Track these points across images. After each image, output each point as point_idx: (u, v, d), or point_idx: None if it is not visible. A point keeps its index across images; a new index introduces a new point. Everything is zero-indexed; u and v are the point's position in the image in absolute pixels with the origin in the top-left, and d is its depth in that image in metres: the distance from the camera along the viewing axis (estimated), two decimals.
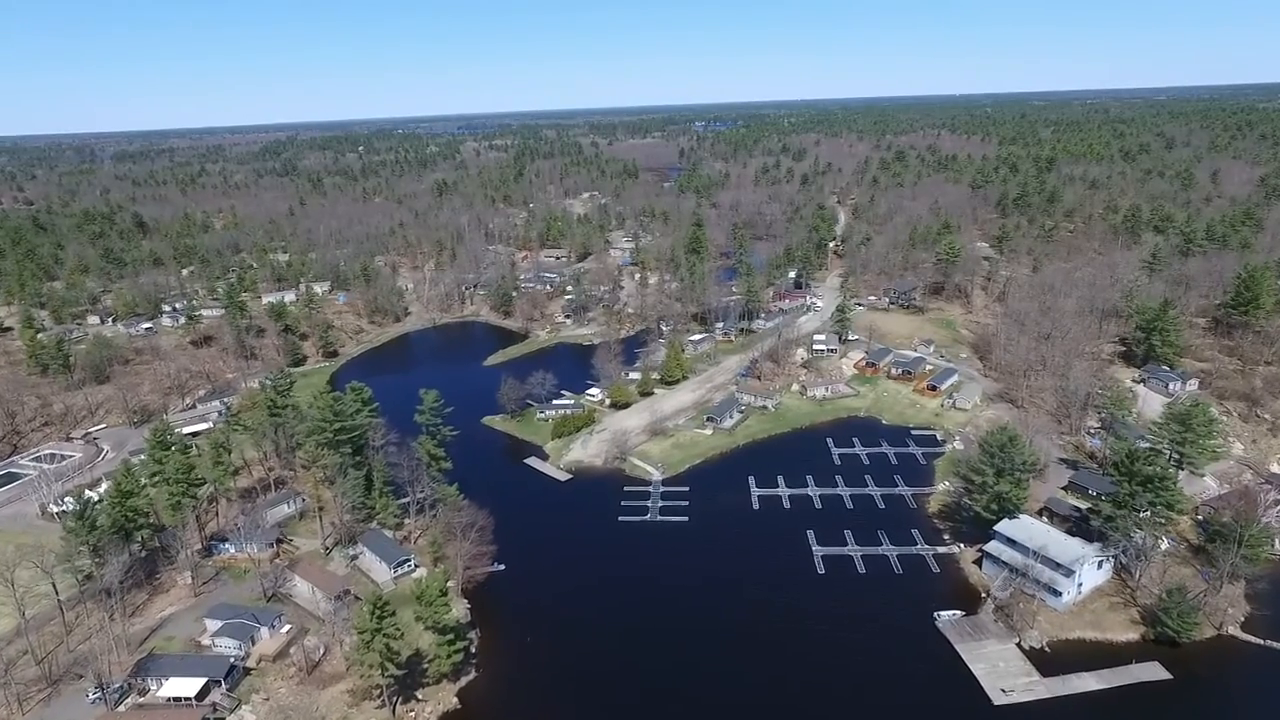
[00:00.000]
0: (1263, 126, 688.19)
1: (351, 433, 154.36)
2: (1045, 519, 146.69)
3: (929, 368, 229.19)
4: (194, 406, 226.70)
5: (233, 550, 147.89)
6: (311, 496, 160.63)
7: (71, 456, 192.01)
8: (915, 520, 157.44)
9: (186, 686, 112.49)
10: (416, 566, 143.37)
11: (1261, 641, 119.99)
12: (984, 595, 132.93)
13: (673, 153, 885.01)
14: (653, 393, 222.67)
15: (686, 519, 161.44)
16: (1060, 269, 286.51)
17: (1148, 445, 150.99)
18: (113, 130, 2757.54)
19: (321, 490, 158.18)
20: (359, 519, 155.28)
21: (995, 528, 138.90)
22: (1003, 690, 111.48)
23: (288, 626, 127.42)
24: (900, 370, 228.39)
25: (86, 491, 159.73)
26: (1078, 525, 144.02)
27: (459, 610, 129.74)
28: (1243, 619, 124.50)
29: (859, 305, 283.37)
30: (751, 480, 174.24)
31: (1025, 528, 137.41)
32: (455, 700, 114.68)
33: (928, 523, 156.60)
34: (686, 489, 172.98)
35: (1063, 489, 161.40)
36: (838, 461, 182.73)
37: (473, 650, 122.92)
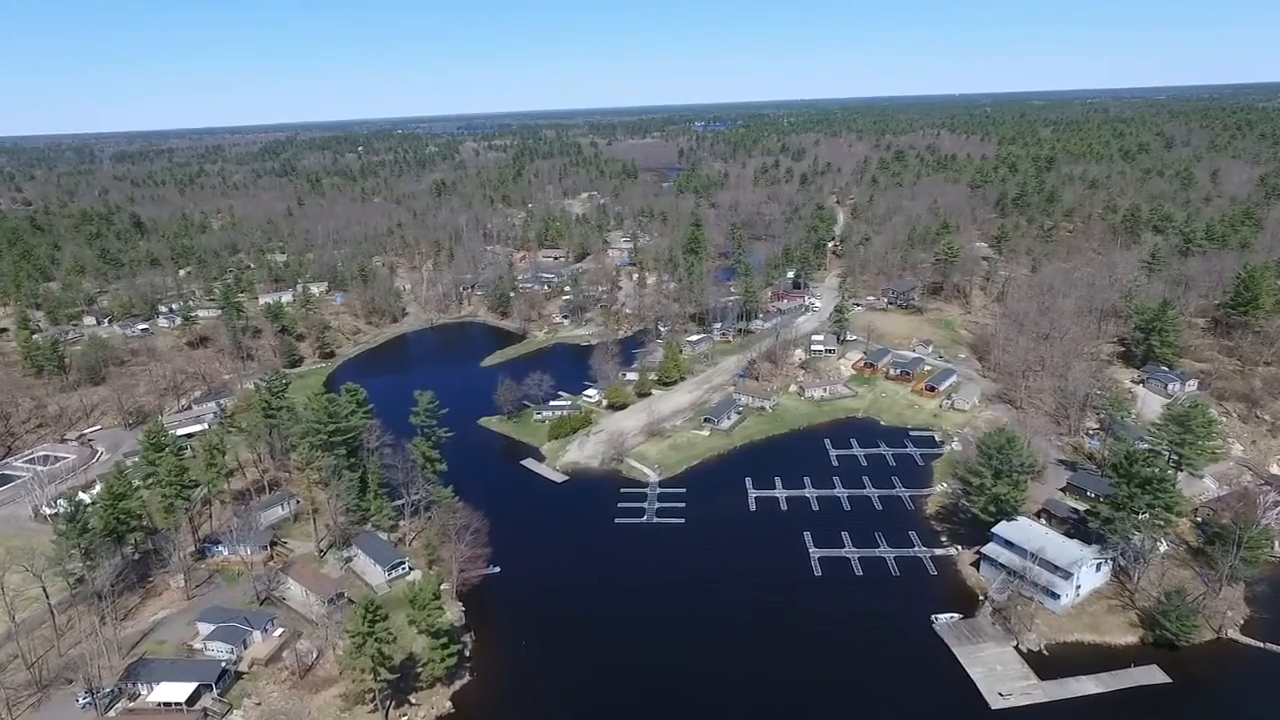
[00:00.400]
0: (1263, 126, 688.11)
1: (346, 434, 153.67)
2: (1043, 521, 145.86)
3: (927, 368, 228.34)
4: (189, 408, 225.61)
5: (226, 553, 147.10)
6: (306, 499, 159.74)
7: (66, 458, 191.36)
8: (913, 522, 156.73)
9: (177, 691, 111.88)
10: (411, 569, 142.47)
11: (1261, 644, 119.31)
12: (982, 598, 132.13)
13: (672, 153, 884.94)
14: (650, 394, 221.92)
15: (683, 521, 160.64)
16: (1059, 269, 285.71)
17: (1146, 446, 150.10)
18: (113, 130, 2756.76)
19: (316, 492, 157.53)
20: (353, 521, 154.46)
21: (993, 530, 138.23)
22: (1000, 694, 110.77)
23: (280, 630, 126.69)
24: (898, 371, 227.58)
25: (79, 494, 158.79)
26: (1076, 527, 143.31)
27: (453, 613, 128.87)
28: (1242, 621, 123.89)
29: (857, 305, 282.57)
30: (749, 481, 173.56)
31: (1023, 530, 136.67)
32: (449, 704, 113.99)
33: (925, 524, 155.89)
34: (683, 490, 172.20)
35: (1061, 490, 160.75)
36: (835, 463, 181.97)
37: (467, 654, 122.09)
